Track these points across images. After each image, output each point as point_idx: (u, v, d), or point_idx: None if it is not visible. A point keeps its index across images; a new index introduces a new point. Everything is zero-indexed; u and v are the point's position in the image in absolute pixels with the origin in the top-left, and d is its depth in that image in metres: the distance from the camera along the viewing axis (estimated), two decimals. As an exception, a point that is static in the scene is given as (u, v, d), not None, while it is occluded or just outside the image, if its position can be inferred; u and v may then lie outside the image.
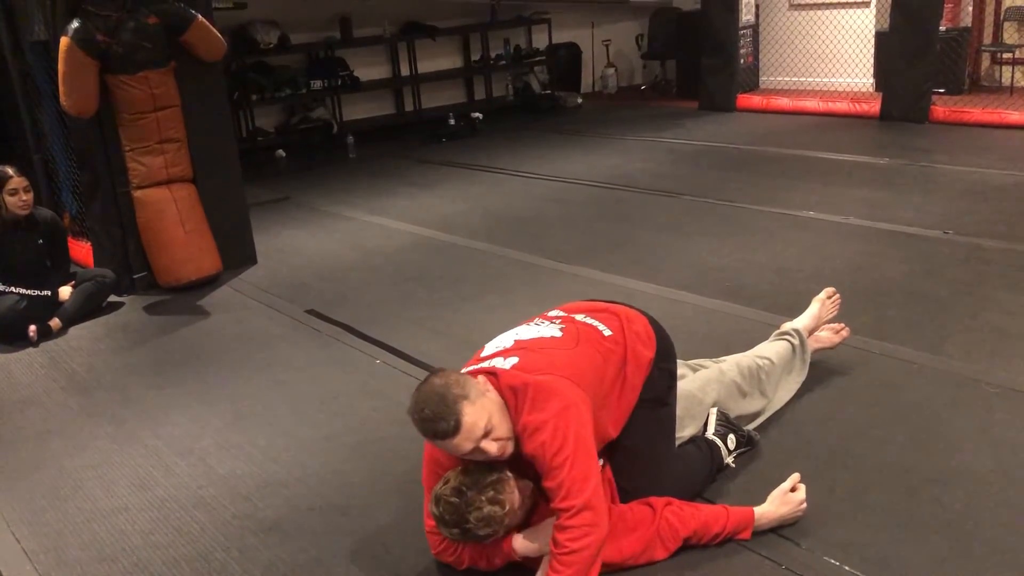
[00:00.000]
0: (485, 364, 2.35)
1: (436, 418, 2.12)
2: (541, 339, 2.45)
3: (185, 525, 2.80)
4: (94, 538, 2.77)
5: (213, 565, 2.58)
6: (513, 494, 2.24)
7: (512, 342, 2.45)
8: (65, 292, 4.71)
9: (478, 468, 2.25)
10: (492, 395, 2.23)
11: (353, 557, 2.56)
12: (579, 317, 2.57)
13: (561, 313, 2.63)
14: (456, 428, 2.12)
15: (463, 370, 2.35)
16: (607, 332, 2.50)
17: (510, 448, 2.23)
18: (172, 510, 2.89)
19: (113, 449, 3.34)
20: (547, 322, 2.56)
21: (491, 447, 2.17)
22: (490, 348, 2.47)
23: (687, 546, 2.41)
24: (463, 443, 2.14)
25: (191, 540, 2.71)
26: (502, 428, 2.19)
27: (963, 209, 5.40)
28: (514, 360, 2.33)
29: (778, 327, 3.35)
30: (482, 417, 2.14)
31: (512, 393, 2.23)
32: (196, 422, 3.50)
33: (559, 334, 2.46)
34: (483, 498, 2.20)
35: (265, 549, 2.64)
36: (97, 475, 3.16)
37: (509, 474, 2.27)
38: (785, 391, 3.18)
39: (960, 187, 5.90)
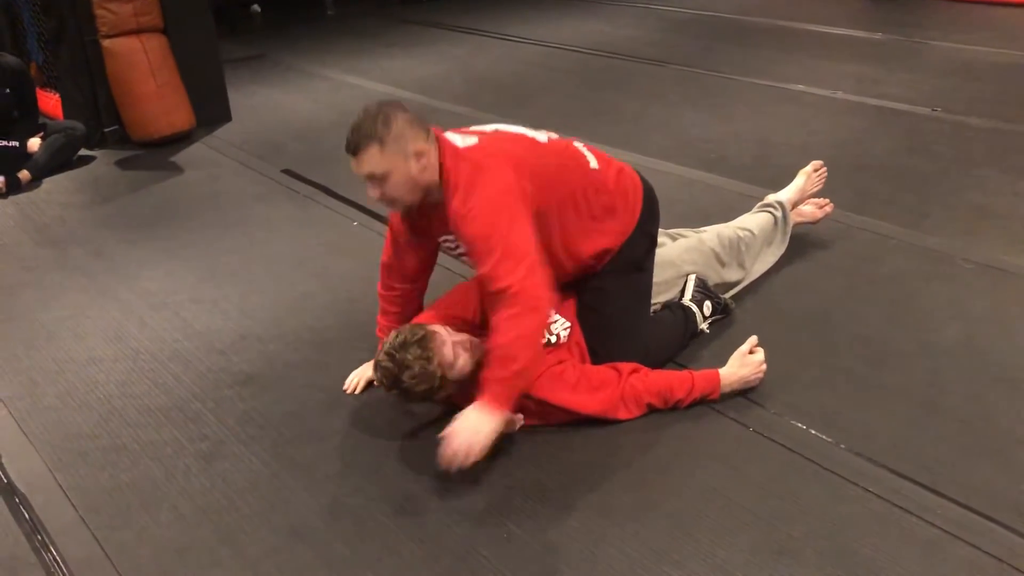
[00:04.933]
0: (446, 134, 2.37)
1: (351, 134, 2.23)
2: (516, 134, 2.46)
3: (160, 377, 2.81)
4: (69, 387, 2.78)
5: (188, 415, 2.60)
6: (443, 347, 2.27)
7: (491, 129, 2.47)
8: (34, 143, 4.59)
9: (408, 329, 2.30)
10: (427, 162, 2.25)
11: (327, 410, 2.59)
12: (576, 144, 2.56)
13: (559, 136, 2.60)
14: (354, 151, 2.23)
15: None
16: (593, 164, 2.50)
17: (397, 203, 2.30)
18: (146, 362, 2.89)
19: (86, 301, 3.32)
20: (544, 132, 2.54)
21: (372, 191, 2.26)
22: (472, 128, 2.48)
23: (657, 411, 2.45)
24: (353, 167, 2.26)
25: (166, 391, 2.73)
26: (398, 189, 2.25)
27: (953, 86, 5.31)
28: (472, 140, 2.35)
29: (760, 199, 3.32)
30: (380, 165, 2.21)
31: (452, 167, 2.27)
32: (170, 277, 3.47)
33: (541, 139, 2.48)
34: (410, 356, 2.24)
35: (240, 401, 2.66)
36: (71, 327, 3.14)
37: (437, 329, 2.31)
38: (763, 263, 3.17)
39: (952, 64, 5.79)
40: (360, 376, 2.67)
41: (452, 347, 2.30)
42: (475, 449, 2.09)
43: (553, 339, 2.47)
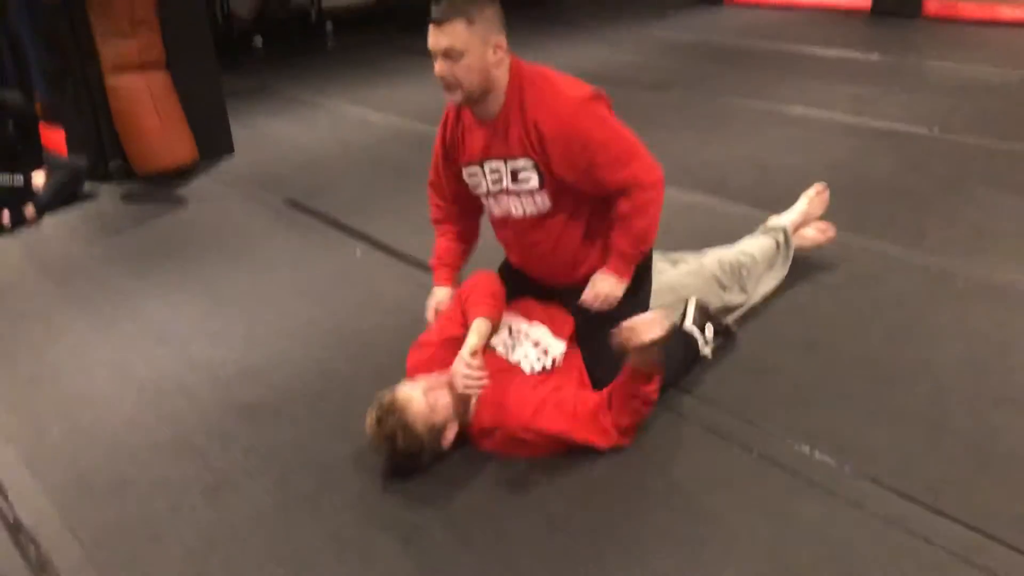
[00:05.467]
0: None
1: (441, 4, 2.27)
2: None
3: (165, 410, 2.81)
4: (74, 423, 2.78)
5: (194, 448, 2.61)
6: (411, 404, 2.30)
7: None
8: (38, 179, 4.62)
9: (375, 403, 2.34)
10: (502, 57, 2.34)
11: (332, 440, 2.59)
12: None
13: None
14: (439, 21, 2.26)
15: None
16: None
17: (459, 89, 2.32)
18: (151, 395, 2.90)
19: (91, 336, 3.33)
20: None
21: (441, 67, 2.29)
22: None
23: (659, 431, 2.46)
24: (431, 39, 2.28)
25: (172, 424, 2.74)
26: (468, 72, 2.30)
27: (951, 106, 5.34)
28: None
29: (761, 222, 3.34)
30: (461, 40, 2.26)
31: (528, 78, 2.40)
32: (175, 310, 3.48)
33: None
34: (388, 428, 2.28)
35: (245, 432, 2.67)
36: (76, 361, 3.15)
37: (400, 390, 2.35)
38: (765, 286, 3.18)
39: (949, 84, 5.83)
40: (436, 303, 2.69)
41: (424, 396, 2.33)
42: (612, 301, 2.51)
43: (549, 363, 2.48)
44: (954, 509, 2.13)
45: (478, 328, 2.43)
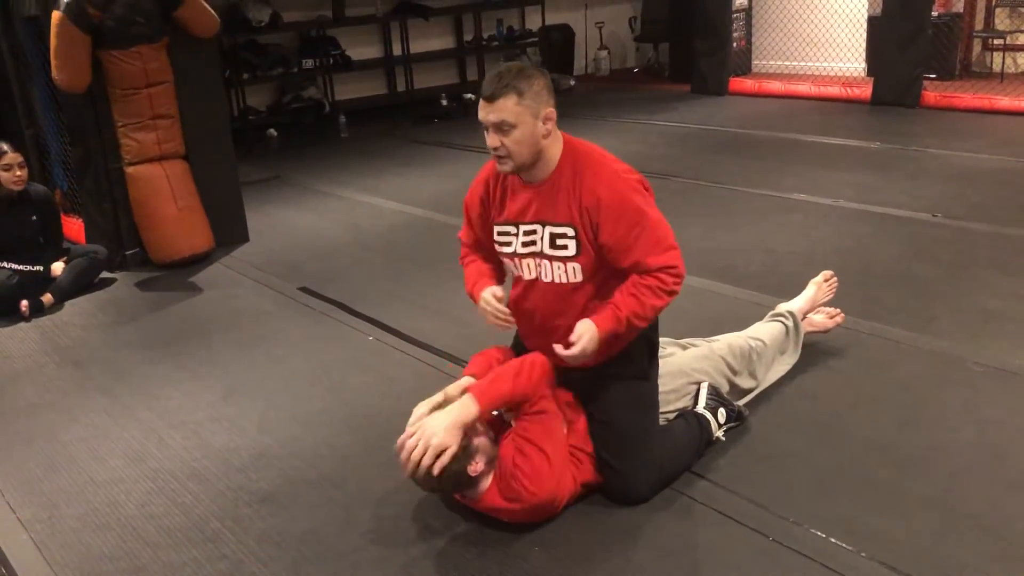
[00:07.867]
0: None
1: (491, 81, 2.36)
2: None
3: (179, 496, 2.82)
4: (89, 508, 2.79)
5: (207, 535, 2.60)
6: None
7: None
8: (58, 268, 4.72)
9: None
10: (551, 128, 2.43)
11: (346, 528, 2.59)
12: None
13: None
14: (491, 97, 2.35)
15: None
16: None
17: (510, 160, 2.42)
18: (166, 481, 2.91)
19: (107, 422, 3.35)
20: None
21: (493, 139, 2.40)
22: None
23: (673, 516, 2.46)
24: (482, 112, 2.38)
25: (185, 510, 2.74)
26: (520, 144, 2.39)
27: (952, 193, 5.44)
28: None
29: (769, 307, 3.38)
30: (512, 115, 2.35)
31: (584, 152, 2.52)
32: (189, 396, 3.51)
33: None
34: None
35: (259, 519, 2.67)
36: (91, 447, 3.17)
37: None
38: (776, 372, 3.20)
39: (950, 171, 5.94)
40: (491, 294, 2.64)
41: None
42: (588, 351, 2.40)
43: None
44: (973, 596, 2.11)
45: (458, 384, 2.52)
